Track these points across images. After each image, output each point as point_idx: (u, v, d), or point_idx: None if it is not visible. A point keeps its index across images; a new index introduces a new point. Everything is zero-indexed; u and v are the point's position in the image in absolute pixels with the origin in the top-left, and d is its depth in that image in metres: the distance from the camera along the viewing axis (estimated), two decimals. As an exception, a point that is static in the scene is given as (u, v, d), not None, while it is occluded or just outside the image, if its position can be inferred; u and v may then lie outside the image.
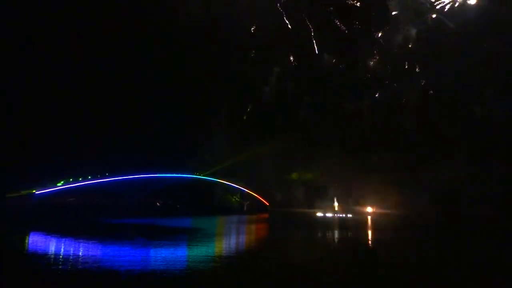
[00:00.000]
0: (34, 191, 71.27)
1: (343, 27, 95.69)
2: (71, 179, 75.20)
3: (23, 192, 71.37)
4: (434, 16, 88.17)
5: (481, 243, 41.69)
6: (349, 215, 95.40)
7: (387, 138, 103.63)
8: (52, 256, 26.38)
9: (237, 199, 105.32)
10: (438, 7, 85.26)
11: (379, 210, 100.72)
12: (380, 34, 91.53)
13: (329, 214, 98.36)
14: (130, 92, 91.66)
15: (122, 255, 27.04)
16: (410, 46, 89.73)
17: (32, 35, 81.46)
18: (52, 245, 32.38)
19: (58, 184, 74.11)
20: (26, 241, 35.37)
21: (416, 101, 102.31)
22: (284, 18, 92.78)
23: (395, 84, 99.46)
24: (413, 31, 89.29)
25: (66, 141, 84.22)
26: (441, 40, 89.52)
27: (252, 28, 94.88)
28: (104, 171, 79.98)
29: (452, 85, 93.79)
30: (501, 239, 46.97)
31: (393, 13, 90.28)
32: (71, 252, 28.39)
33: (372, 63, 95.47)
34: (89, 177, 78.26)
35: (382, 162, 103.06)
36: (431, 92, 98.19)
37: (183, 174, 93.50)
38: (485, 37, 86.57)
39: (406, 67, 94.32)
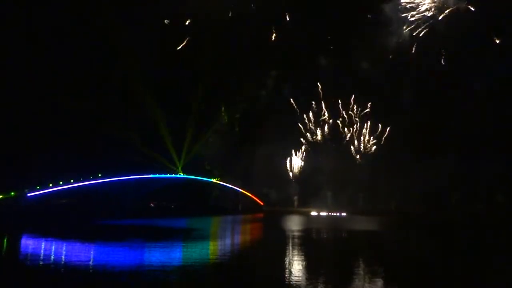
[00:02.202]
0: (25, 191, 70.55)
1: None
2: (61, 182, 74.37)
3: (13, 194, 70.59)
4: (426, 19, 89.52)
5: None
6: (343, 214, 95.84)
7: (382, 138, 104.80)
8: (46, 259, 26.03)
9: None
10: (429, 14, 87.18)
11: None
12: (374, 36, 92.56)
13: (323, 213, 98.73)
14: (124, 93, 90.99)
15: (117, 257, 26.81)
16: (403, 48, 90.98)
17: (31, 35, 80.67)
18: (46, 248, 31.96)
19: (50, 185, 73.38)
20: (20, 244, 34.94)
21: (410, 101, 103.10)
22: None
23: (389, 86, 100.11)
24: (407, 34, 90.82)
25: (59, 143, 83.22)
26: (433, 42, 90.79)
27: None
28: (97, 172, 79.31)
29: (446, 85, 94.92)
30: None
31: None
32: (66, 255, 28.08)
33: (366, 65, 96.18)
34: (81, 178, 77.49)
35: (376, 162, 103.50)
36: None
37: (176, 174, 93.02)
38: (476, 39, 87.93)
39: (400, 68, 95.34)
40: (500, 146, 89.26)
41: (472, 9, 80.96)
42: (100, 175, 78.69)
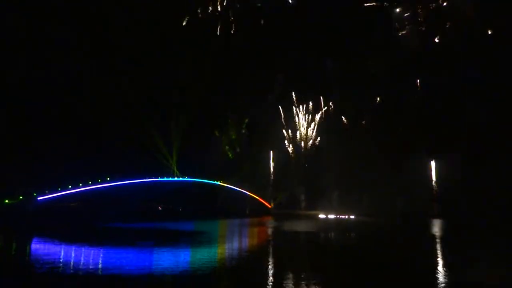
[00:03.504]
0: (34, 195, 71.05)
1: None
2: (70, 186, 74.75)
3: (21, 198, 71.10)
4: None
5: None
6: (351, 217, 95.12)
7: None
8: (59, 263, 26.06)
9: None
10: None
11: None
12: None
13: (331, 216, 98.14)
14: (130, 95, 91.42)
15: (128, 260, 26.83)
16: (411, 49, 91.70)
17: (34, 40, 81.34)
18: (59, 252, 32.07)
19: (59, 189, 73.78)
20: (31, 247, 35.12)
21: (414, 103, 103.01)
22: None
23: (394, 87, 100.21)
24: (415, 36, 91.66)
25: (67, 146, 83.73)
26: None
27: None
28: (105, 175, 79.61)
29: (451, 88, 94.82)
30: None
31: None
32: (78, 259, 28.15)
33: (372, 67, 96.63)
34: (90, 182, 77.81)
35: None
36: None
37: (184, 178, 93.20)
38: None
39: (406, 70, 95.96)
40: (508, 147, 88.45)
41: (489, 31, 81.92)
42: (108, 178, 78.98)
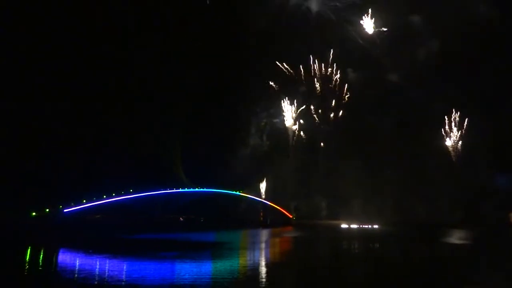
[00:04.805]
0: (60, 207, 72.62)
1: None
2: (94, 198, 76.17)
3: (48, 211, 72.66)
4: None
5: None
6: (375, 226, 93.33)
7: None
8: (88, 274, 26.36)
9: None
10: None
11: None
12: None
13: (353, 226, 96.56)
14: (152, 109, 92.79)
15: (154, 271, 26.98)
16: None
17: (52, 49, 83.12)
18: (86, 263, 32.48)
19: (84, 201, 75.26)
20: (59, 259, 35.74)
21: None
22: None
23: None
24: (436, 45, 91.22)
25: (91, 160, 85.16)
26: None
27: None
28: (128, 187, 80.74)
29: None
30: None
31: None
32: (109, 270, 28.42)
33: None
34: (113, 194, 79.10)
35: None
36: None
37: (206, 188, 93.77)
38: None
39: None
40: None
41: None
42: (131, 190, 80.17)
